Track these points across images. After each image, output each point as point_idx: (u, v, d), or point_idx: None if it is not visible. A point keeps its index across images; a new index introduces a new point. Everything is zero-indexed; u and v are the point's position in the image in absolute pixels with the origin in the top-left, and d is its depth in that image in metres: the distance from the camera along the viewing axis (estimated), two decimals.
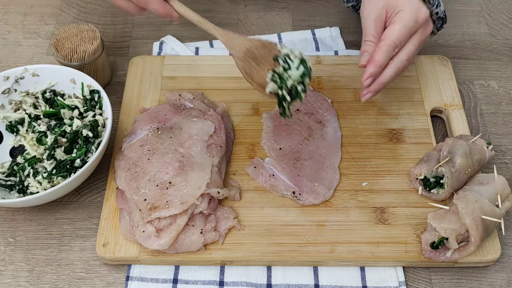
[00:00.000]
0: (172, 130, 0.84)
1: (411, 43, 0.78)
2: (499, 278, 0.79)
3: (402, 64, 0.78)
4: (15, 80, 0.87)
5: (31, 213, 0.84)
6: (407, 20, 0.77)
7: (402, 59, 0.78)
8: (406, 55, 0.78)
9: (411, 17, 0.77)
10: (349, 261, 0.78)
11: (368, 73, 0.77)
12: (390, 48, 0.77)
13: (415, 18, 0.77)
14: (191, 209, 0.76)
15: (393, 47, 0.77)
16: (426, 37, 0.80)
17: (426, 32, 0.79)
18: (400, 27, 0.77)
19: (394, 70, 0.78)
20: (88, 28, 0.93)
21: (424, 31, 0.79)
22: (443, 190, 0.80)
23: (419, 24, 0.78)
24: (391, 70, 0.78)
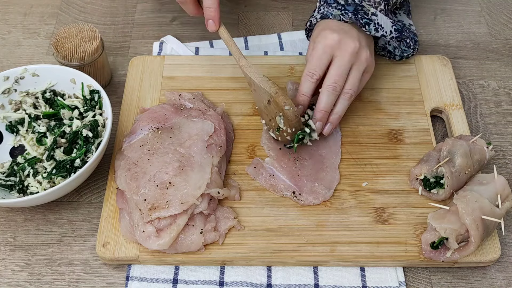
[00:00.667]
0: (172, 130, 0.84)
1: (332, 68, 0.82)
2: (499, 278, 0.79)
3: (331, 88, 0.81)
4: (15, 80, 0.87)
5: (31, 213, 0.84)
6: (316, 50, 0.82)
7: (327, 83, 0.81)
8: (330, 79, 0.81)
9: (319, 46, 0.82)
10: (349, 261, 0.78)
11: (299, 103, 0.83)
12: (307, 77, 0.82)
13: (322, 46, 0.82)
14: (191, 209, 0.76)
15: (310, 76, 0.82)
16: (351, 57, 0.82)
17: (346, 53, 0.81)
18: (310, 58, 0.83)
19: (325, 94, 0.81)
20: (88, 28, 0.93)
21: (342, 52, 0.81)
22: (443, 190, 0.80)
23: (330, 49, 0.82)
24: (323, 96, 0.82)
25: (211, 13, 0.83)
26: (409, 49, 0.94)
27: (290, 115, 0.80)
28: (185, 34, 1.07)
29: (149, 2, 1.13)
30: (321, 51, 0.82)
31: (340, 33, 0.82)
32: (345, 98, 0.83)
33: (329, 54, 0.82)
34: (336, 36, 0.82)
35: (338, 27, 0.83)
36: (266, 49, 1.04)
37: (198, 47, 1.03)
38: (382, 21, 0.86)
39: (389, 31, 0.87)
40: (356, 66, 0.83)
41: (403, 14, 1.01)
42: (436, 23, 1.11)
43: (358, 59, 0.83)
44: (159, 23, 1.09)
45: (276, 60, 0.99)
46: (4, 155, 0.86)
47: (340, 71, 0.81)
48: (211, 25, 0.84)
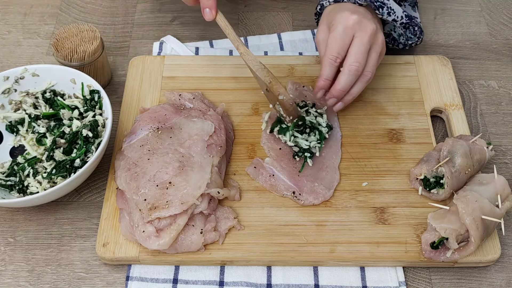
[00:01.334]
0: (172, 130, 0.84)
1: (352, 47, 0.81)
2: (499, 278, 0.79)
3: (353, 68, 0.81)
4: (15, 80, 0.87)
5: (31, 213, 0.84)
6: (335, 31, 0.81)
7: (350, 62, 0.81)
8: (352, 59, 0.81)
9: (339, 27, 0.81)
10: (349, 261, 0.78)
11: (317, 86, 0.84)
12: (330, 61, 0.82)
13: (343, 26, 0.81)
14: (191, 209, 0.76)
15: (333, 60, 0.82)
16: (370, 37, 0.82)
17: (366, 33, 0.81)
18: (330, 40, 0.82)
19: (346, 75, 0.82)
20: (88, 28, 0.93)
21: (362, 32, 0.81)
22: (443, 190, 0.80)
23: (350, 29, 0.81)
24: (344, 76, 0.82)
25: (207, 2, 0.83)
26: (414, 37, 0.95)
27: (285, 104, 0.82)
28: (185, 34, 1.07)
29: (149, 2, 1.13)
30: (342, 32, 0.81)
31: (359, 14, 0.82)
32: (363, 81, 0.84)
33: (350, 35, 0.81)
34: (356, 17, 0.81)
35: (355, 9, 0.83)
36: (266, 49, 1.04)
37: (198, 47, 1.03)
38: (394, 5, 0.87)
39: (400, 16, 0.88)
40: (375, 48, 0.83)
41: (409, 6, 1.02)
42: (436, 23, 1.11)
43: (376, 41, 0.83)
44: (159, 23, 1.09)
45: (276, 60, 0.99)
46: (4, 155, 0.86)
47: (362, 51, 0.81)
48: (208, 13, 0.83)
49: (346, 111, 0.92)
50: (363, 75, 0.83)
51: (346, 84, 0.82)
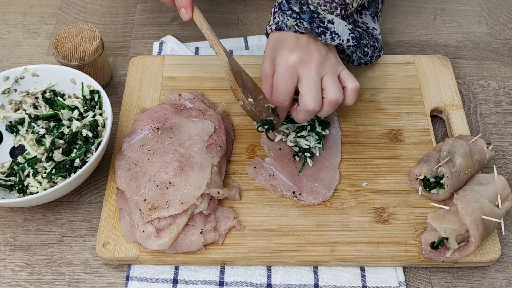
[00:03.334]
0: (172, 130, 0.84)
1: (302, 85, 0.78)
2: (499, 278, 0.79)
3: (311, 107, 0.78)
4: (15, 80, 0.87)
5: (31, 213, 0.84)
6: (278, 72, 0.79)
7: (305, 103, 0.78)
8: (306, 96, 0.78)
9: (280, 68, 0.78)
10: (349, 261, 0.78)
11: None
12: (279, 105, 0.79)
13: (284, 68, 0.78)
14: (191, 209, 0.76)
15: (280, 103, 0.79)
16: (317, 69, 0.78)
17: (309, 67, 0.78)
18: (275, 82, 0.79)
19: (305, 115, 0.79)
20: (88, 28, 0.93)
21: (306, 67, 0.78)
22: (443, 190, 0.80)
23: (291, 69, 0.78)
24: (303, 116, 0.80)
25: (182, 2, 0.81)
26: (365, 57, 0.92)
27: (244, 109, 0.80)
28: (185, 34, 1.07)
29: (149, 2, 1.13)
30: (285, 74, 0.78)
31: (298, 51, 0.78)
32: (331, 105, 0.80)
33: (293, 74, 0.78)
34: (296, 57, 0.78)
35: (295, 44, 0.79)
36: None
37: (198, 47, 1.03)
38: (339, 28, 0.82)
39: (346, 39, 0.83)
40: (328, 73, 0.79)
41: (369, 15, 0.96)
42: (436, 23, 1.11)
43: (326, 68, 0.79)
44: (159, 23, 1.09)
45: None
46: (4, 155, 0.86)
47: (313, 89, 0.78)
48: (183, 13, 0.82)
49: (346, 111, 0.92)
50: (328, 101, 0.79)
51: (304, 120, 0.80)
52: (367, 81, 0.96)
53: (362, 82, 0.95)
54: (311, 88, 0.78)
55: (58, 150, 0.81)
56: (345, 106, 0.82)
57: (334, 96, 0.79)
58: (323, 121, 0.87)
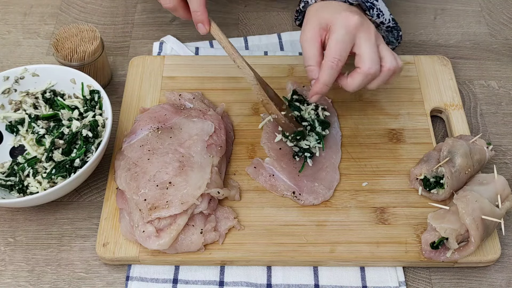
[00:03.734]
0: (172, 130, 0.84)
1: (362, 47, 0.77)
2: (499, 278, 0.79)
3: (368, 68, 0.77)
4: (15, 80, 0.87)
5: (31, 213, 0.84)
6: (337, 33, 0.76)
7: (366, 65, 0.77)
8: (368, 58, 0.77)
9: (341, 29, 0.76)
10: (349, 261, 0.78)
11: (313, 91, 0.79)
12: (331, 65, 0.76)
13: (345, 29, 0.76)
14: (191, 209, 0.76)
15: (335, 63, 0.76)
16: (375, 36, 0.78)
17: (369, 32, 0.78)
18: (333, 42, 0.76)
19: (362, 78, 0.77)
20: (88, 28, 0.93)
21: (366, 32, 0.77)
22: (443, 190, 0.80)
23: (353, 31, 0.77)
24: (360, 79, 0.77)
25: (198, 17, 0.81)
26: (396, 41, 0.92)
27: (278, 122, 0.82)
28: (185, 34, 1.07)
29: (149, 2, 1.13)
30: (345, 34, 0.76)
31: (359, 15, 0.78)
32: (389, 73, 0.79)
33: (353, 36, 0.77)
34: (358, 18, 0.76)
35: (350, 9, 0.79)
36: (266, 49, 1.04)
37: (198, 47, 1.03)
38: (383, 7, 0.84)
39: (388, 19, 0.85)
40: (382, 44, 0.79)
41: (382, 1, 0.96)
42: (436, 23, 1.11)
43: (379, 37, 0.80)
44: (159, 23, 1.09)
45: (276, 60, 0.99)
46: (4, 155, 0.86)
47: (374, 52, 0.77)
48: (201, 28, 0.82)
49: (346, 111, 0.92)
50: (383, 70, 0.79)
51: (359, 86, 0.78)
52: None
53: None
54: (373, 51, 0.77)
55: (58, 150, 0.81)
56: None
57: (393, 64, 0.79)
58: (323, 121, 0.87)
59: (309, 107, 0.88)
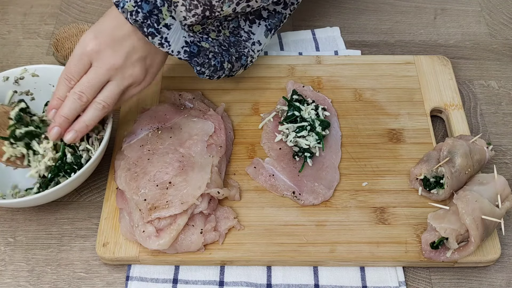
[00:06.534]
0: (172, 130, 0.84)
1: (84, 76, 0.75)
2: (499, 278, 0.79)
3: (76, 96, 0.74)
4: (14, 80, 0.87)
5: (31, 213, 0.84)
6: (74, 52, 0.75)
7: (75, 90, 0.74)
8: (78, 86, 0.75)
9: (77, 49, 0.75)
10: (349, 261, 0.78)
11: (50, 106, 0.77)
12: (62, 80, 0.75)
13: (80, 51, 0.74)
14: (191, 209, 0.76)
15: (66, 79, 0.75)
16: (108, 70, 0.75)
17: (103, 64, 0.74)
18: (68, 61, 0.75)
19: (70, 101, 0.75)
20: (88, 28, 0.93)
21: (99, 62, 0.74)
22: (443, 190, 0.80)
23: (88, 56, 0.74)
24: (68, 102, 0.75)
25: None
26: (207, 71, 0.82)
27: None
28: None
29: None
30: (78, 57, 0.74)
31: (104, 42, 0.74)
32: (95, 108, 0.76)
33: (86, 61, 0.75)
34: (96, 47, 0.74)
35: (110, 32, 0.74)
36: (266, 49, 1.04)
37: None
38: (174, 36, 0.76)
39: (177, 51, 0.77)
40: (116, 81, 0.76)
41: (263, 27, 0.89)
42: (436, 23, 1.11)
43: (119, 75, 0.76)
44: None
45: (276, 60, 0.99)
46: None
47: (92, 83, 0.75)
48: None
49: (346, 111, 0.92)
50: (94, 102, 0.75)
51: (70, 110, 0.74)
52: (367, 81, 0.96)
53: (362, 82, 0.96)
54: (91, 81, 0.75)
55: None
56: None
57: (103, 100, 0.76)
58: (323, 121, 0.87)
59: (309, 107, 0.88)
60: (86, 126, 0.76)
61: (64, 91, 0.76)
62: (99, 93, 0.76)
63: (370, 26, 1.10)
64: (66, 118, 0.75)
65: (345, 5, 1.13)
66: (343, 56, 1.00)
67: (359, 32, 1.08)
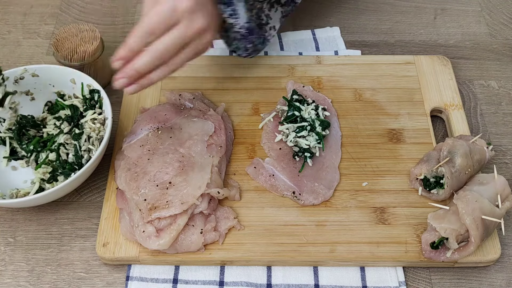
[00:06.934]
0: (172, 130, 0.84)
1: (169, 33, 0.72)
2: (499, 278, 0.79)
3: (158, 53, 0.72)
4: (14, 80, 0.87)
5: (31, 213, 0.84)
6: (164, 6, 0.71)
7: (157, 47, 0.72)
8: (161, 44, 0.72)
9: (169, 4, 0.71)
10: (349, 261, 0.78)
11: (118, 55, 0.73)
12: (142, 33, 0.71)
13: (173, 7, 0.71)
14: (191, 209, 0.76)
15: (146, 33, 0.71)
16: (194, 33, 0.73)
17: (191, 26, 0.72)
18: (155, 13, 0.71)
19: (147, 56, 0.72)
20: (88, 28, 0.93)
21: (188, 24, 0.72)
22: (443, 190, 0.80)
23: (179, 14, 0.71)
24: (144, 56, 0.72)
25: None
26: (245, 52, 0.86)
27: None
28: None
29: None
30: (167, 13, 0.71)
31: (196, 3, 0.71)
32: (166, 70, 0.74)
33: (174, 20, 0.71)
34: (192, 4, 0.71)
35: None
36: (266, 49, 1.04)
37: None
38: (242, 11, 0.77)
39: (239, 25, 0.78)
40: (194, 45, 0.74)
41: (280, 12, 0.90)
42: (436, 23, 1.11)
43: (199, 40, 0.74)
44: None
45: (276, 60, 0.99)
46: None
47: (176, 44, 0.72)
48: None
49: (346, 111, 0.92)
50: (168, 63, 0.74)
51: (145, 66, 0.72)
52: (367, 81, 0.96)
53: (362, 82, 0.96)
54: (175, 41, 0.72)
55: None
56: None
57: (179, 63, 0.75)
58: (323, 121, 0.87)
59: (309, 107, 0.88)
60: (151, 83, 0.75)
61: (140, 45, 0.72)
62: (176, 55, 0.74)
63: (370, 26, 1.10)
64: (138, 73, 0.73)
65: (345, 5, 1.13)
66: (343, 56, 1.00)
67: (359, 32, 1.08)
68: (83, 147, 0.81)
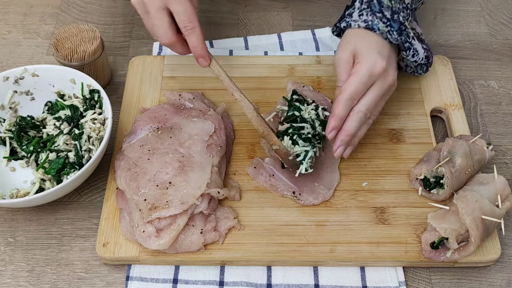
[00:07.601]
0: (172, 130, 0.84)
1: (368, 94, 0.79)
2: (499, 278, 0.79)
3: (363, 114, 0.79)
4: (14, 80, 0.87)
5: (31, 213, 0.84)
6: (361, 74, 0.78)
7: (361, 109, 0.79)
8: (364, 106, 0.79)
9: (366, 71, 0.78)
10: (349, 261, 0.78)
11: (329, 126, 0.79)
12: (347, 101, 0.78)
13: (369, 72, 0.78)
14: (191, 209, 0.76)
15: (350, 100, 0.78)
16: (388, 88, 0.81)
17: (385, 83, 0.80)
18: (355, 80, 0.78)
19: (355, 120, 0.79)
20: (88, 28, 0.93)
21: (382, 82, 0.79)
22: (443, 190, 0.80)
23: (375, 77, 0.79)
24: (353, 121, 0.79)
25: (198, 52, 0.82)
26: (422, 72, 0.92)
27: (279, 153, 0.82)
28: None
29: None
30: (367, 77, 0.78)
31: (387, 61, 0.79)
32: (368, 124, 0.82)
33: (373, 81, 0.79)
34: (385, 65, 0.79)
35: (383, 50, 0.80)
36: (266, 49, 1.04)
37: None
38: (418, 46, 0.85)
39: (421, 58, 0.86)
40: (386, 96, 0.82)
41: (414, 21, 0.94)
42: (436, 23, 1.11)
43: (390, 90, 0.82)
44: None
45: (276, 60, 0.99)
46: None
47: (375, 101, 0.80)
48: (202, 62, 0.83)
49: None
50: (369, 118, 0.81)
51: (355, 128, 0.79)
52: None
53: None
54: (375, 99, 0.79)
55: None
56: None
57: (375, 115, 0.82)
58: (323, 121, 0.87)
59: (309, 107, 0.88)
60: (359, 140, 0.82)
61: (346, 112, 0.79)
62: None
63: None
64: (351, 136, 0.80)
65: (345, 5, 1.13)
66: None
67: None
68: (83, 147, 0.81)
